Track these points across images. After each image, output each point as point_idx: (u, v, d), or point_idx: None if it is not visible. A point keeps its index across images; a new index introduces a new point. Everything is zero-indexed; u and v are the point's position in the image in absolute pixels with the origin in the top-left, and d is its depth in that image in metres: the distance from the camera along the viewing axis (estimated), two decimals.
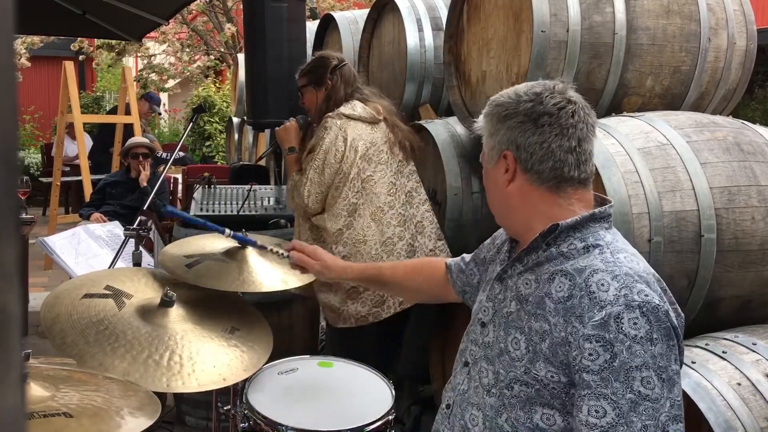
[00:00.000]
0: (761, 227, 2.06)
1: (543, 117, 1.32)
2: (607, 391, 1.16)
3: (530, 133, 1.32)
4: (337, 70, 2.78)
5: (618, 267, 1.24)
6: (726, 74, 2.68)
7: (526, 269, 1.36)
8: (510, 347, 1.32)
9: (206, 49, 11.29)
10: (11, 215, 0.33)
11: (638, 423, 1.13)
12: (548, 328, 1.25)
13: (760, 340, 1.91)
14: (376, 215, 2.69)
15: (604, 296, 1.20)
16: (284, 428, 1.77)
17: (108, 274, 2.11)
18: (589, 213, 1.32)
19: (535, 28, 2.34)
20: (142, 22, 5.02)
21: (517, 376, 1.29)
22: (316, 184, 2.66)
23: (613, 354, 1.16)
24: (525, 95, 1.35)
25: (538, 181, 1.34)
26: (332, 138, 2.66)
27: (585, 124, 1.34)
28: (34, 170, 10.89)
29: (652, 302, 1.18)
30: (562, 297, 1.25)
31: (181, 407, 3.44)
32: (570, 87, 1.37)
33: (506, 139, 1.36)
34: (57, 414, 1.22)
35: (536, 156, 1.32)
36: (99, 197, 5.21)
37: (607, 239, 1.31)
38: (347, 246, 2.66)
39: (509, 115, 1.35)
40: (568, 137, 1.32)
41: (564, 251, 1.31)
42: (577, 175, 1.34)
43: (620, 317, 1.17)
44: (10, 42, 0.35)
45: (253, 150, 6.06)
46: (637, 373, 1.15)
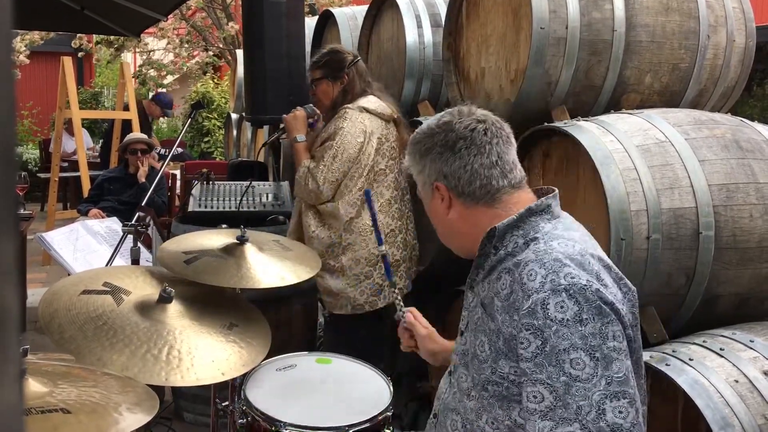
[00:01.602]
0: (759, 224, 2.06)
1: (458, 142, 1.38)
2: (542, 375, 1.18)
3: (451, 160, 1.39)
4: (353, 64, 2.87)
5: (548, 254, 1.26)
6: (725, 72, 2.68)
7: (484, 275, 1.40)
8: (478, 351, 1.35)
9: (205, 45, 11.27)
10: (9, 211, 0.33)
11: (573, 404, 1.15)
12: (500, 326, 1.29)
13: (758, 337, 1.92)
14: (384, 207, 2.81)
15: (531, 285, 1.23)
16: (282, 424, 1.78)
17: (106, 271, 2.11)
18: (525, 209, 1.36)
19: (534, 25, 2.33)
20: (141, 17, 5.01)
21: (487, 377, 1.32)
22: (333, 171, 2.72)
23: (543, 340, 1.19)
24: (437, 127, 1.42)
25: (473, 201, 1.40)
26: (352, 128, 2.73)
27: (499, 138, 1.40)
28: (33, 166, 10.86)
29: (578, 283, 1.20)
30: (505, 294, 1.29)
31: (180, 403, 3.44)
32: (475, 107, 1.44)
33: (433, 172, 1.42)
34: (55, 410, 1.22)
35: (463, 179, 1.38)
36: (97, 193, 5.20)
37: (545, 229, 1.34)
38: (353, 234, 2.76)
39: (428, 149, 1.42)
40: (486, 154, 1.38)
41: (510, 250, 1.35)
42: (506, 183, 1.39)
43: (546, 303, 1.20)
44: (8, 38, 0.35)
45: (251, 146, 6.05)
46: (566, 356, 1.17)
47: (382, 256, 1.96)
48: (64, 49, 11.22)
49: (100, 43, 11.07)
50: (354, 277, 2.77)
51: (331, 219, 2.78)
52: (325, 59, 2.90)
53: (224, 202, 3.46)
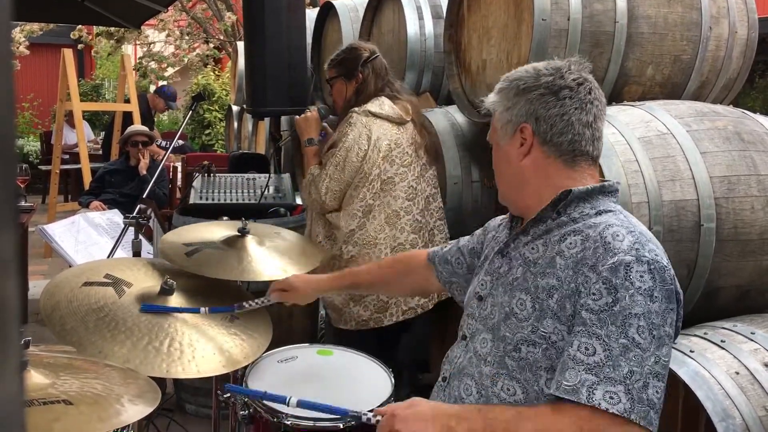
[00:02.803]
0: (761, 216, 2.05)
1: (564, 90, 1.35)
2: (601, 331, 1.19)
3: (551, 105, 1.35)
4: (368, 62, 2.70)
5: (632, 225, 1.28)
6: (727, 63, 2.67)
7: (534, 238, 1.38)
8: (516, 309, 1.34)
9: (206, 37, 11.24)
10: (9, 203, 0.32)
11: (625, 367, 1.16)
12: (556, 284, 1.28)
13: (759, 329, 1.92)
14: (391, 219, 2.62)
15: (619, 245, 1.23)
16: (283, 416, 1.78)
17: (107, 263, 2.11)
18: (600, 185, 1.36)
19: (536, 17, 2.33)
20: (141, 9, 5.00)
21: (524, 337, 1.31)
22: (336, 181, 2.59)
23: (615, 298, 1.19)
24: (545, 69, 1.38)
25: (556, 153, 1.37)
26: (356, 135, 2.58)
27: (600, 102, 1.38)
28: (34, 158, 10.87)
29: (660, 262, 1.22)
30: (575, 252, 1.28)
31: (181, 395, 3.46)
32: (586, 67, 1.40)
33: (525, 112, 1.38)
34: (57, 401, 1.23)
35: (556, 128, 1.35)
36: (98, 185, 5.20)
37: (618, 207, 1.36)
38: (357, 246, 2.60)
39: (529, 88, 1.38)
40: (586, 112, 1.35)
41: (575, 217, 1.34)
42: (591, 151, 1.38)
43: (630, 266, 1.20)
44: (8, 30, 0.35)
45: (252, 138, 6.05)
46: (634, 320, 1.18)
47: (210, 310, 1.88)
48: (64, 41, 11.21)
49: (101, 34, 11.04)
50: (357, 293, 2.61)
51: (334, 230, 2.65)
52: (342, 57, 2.75)
53: (225, 195, 3.46)
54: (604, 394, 1.15)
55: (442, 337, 3.15)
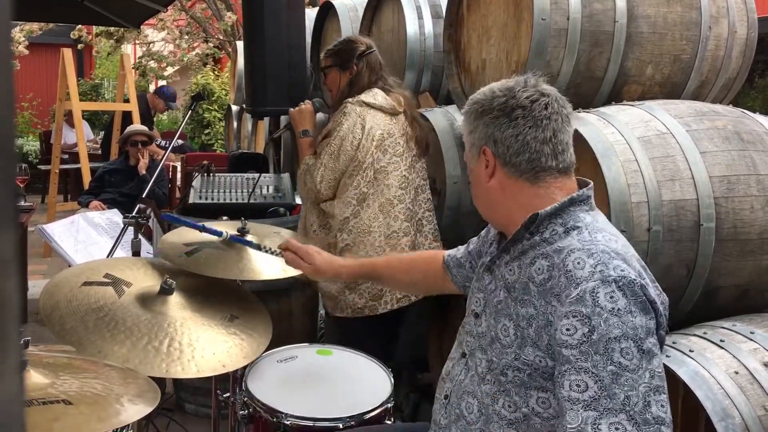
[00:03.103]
0: (760, 216, 2.05)
1: (516, 110, 1.35)
2: (587, 364, 1.17)
3: (505, 126, 1.36)
4: (364, 56, 2.76)
5: (594, 245, 1.26)
6: (726, 63, 2.67)
7: (512, 258, 1.39)
8: (500, 335, 1.35)
9: (205, 36, 11.24)
10: (8, 203, 0.32)
11: (621, 394, 1.15)
12: (534, 313, 1.28)
13: (758, 328, 1.92)
14: (385, 207, 2.66)
15: (579, 273, 1.22)
16: (283, 415, 1.78)
17: (107, 263, 2.12)
18: (568, 198, 1.35)
19: (536, 16, 2.33)
20: (141, 8, 5.00)
21: (508, 362, 1.32)
22: (330, 169, 2.64)
23: (591, 327, 1.18)
24: (498, 91, 1.39)
25: (516, 173, 1.37)
26: (350, 124, 2.63)
27: (559, 115, 1.37)
28: (33, 158, 10.86)
29: (628, 276, 1.21)
30: (542, 279, 1.28)
31: (181, 394, 3.46)
32: (542, 80, 1.40)
33: (484, 135, 1.39)
34: (56, 401, 1.23)
35: (512, 149, 1.36)
36: (98, 185, 5.20)
37: (586, 221, 1.34)
38: (351, 234, 2.64)
39: (485, 111, 1.39)
40: (542, 128, 1.35)
41: (546, 237, 1.34)
42: (555, 165, 1.37)
43: (596, 292, 1.19)
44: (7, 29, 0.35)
45: (252, 138, 6.05)
46: (616, 344, 1.16)
47: (228, 238, 2.00)
48: (64, 40, 11.20)
49: (100, 34, 11.04)
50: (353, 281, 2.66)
51: (329, 218, 2.71)
52: (338, 47, 2.81)
53: (225, 194, 3.46)
54: (609, 426, 1.13)
55: (441, 336, 3.15)
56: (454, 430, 1.43)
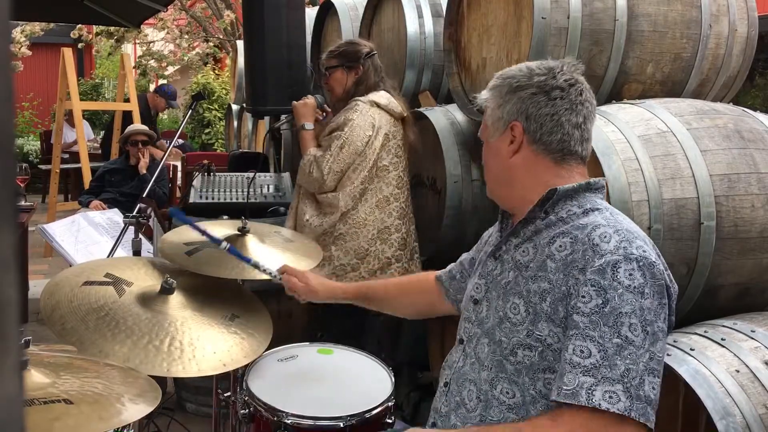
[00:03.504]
0: (761, 215, 2.05)
1: (555, 90, 1.36)
2: (594, 333, 1.20)
3: (542, 104, 1.36)
4: (369, 57, 2.87)
5: (619, 224, 1.29)
6: (727, 61, 2.67)
7: (524, 240, 1.39)
8: (509, 313, 1.35)
9: (205, 35, 11.24)
10: (8, 202, 0.32)
11: (621, 366, 1.17)
12: (548, 287, 1.29)
13: (759, 327, 1.92)
14: (381, 203, 2.80)
15: (605, 246, 1.24)
16: (284, 415, 1.78)
17: (108, 263, 2.11)
18: (585, 182, 1.37)
19: (536, 15, 2.32)
20: (141, 8, 5.00)
21: (519, 341, 1.32)
22: (339, 162, 2.74)
23: (605, 299, 1.20)
24: (538, 69, 1.39)
25: (545, 152, 1.38)
26: (361, 121, 2.74)
27: (590, 104, 1.40)
28: (34, 157, 10.86)
29: (649, 258, 1.24)
30: (564, 255, 1.29)
31: (182, 394, 3.46)
32: (578, 68, 1.42)
33: (516, 110, 1.39)
34: (57, 400, 1.23)
35: (546, 127, 1.37)
36: (98, 184, 5.20)
37: (604, 205, 1.37)
38: (347, 225, 2.77)
39: (521, 86, 1.39)
40: (576, 113, 1.37)
41: (563, 216, 1.35)
42: (580, 151, 1.39)
43: (617, 266, 1.21)
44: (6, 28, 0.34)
45: (252, 137, 6.04)
46: (625, 319, 1.19)
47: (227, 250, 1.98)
48: (64, 40, 11.20)
49: (100, 34, 11.04)
50: (341, 267, 2.78)
51: (328, 208, 2.79)
52: (342, 48, 2.91)
53: (225, 194, 3.46)
54: (604, 394, 1.16)
55: (441, 335, 3.15)
56: (453, 418, 1.43)
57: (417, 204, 3.23)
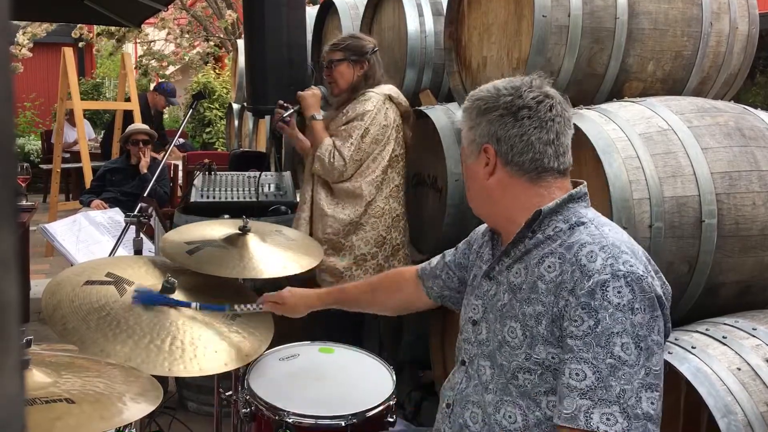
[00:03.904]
0: (762, 212, 2.05)
1: (522, 110, 1.35)
2: (588, 355, 1.20)
3: (510, 126, 1.36)
4: (374, 52, 2.94)
5: (604, 238, 1.28)
6: (728, 59, 2.66)
7: (515, 261, 1.39)
8: (508, 337, 1.35)
9: (206, 35, 11.23)
10: (8, 202, 0.32)
11: (617, 387, 1.17)
12: (542, 310, 1.29)
13: (761, 325, 1.91)
14: (394, 192, 2.92)
15: (592, 266, 1.24)
16: (285, 413, 1.78)
17: (109, 262, 2.12)
18: (567, 195, 1.36)
19: (536, 13, 2.32)
20: (141, 7, 4.99)
21: (519, 364, 1.32)
22: (360, 150, 2.81)
23: (596, 320, 1.20)
24: (504, 89, 1.39)
25: (519, 172, 1.38)
26: (378, 111, 2.83)
27: (562, 118, 1.38)
28: (35, 157, 10.87)
29: (636, 272, 1.23)
30: (554, 276, 1.29)
31: (183, 393, 3.46)
32: (547, 82, 1.41)
33: (486, 133, 1.39)
34: (59, 400, 1.23)
35: (516, 148, 1.36)
36: (99, 184, 5.20)
37: (589, 216, 1.36)
38: (367, 215, 2.84)
39: (489, 108, 1.39)
40: (546, 130, 1.36)
41: (550, 234, 1.35)
42: (556, 166, 1.38)
43: (605, 285, 1.21)
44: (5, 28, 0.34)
45: (253, 136, 6.04)
46: (617, 339, 1.19)
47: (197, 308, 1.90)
48: (65, 40, 11.20)
49: (101, 34, 11.04)
50: (361, 256, 2.84)
51: (349, 198, 2.84)
52: (347, 42, 2.94)
53: (226, 193, 3.46)
54: (601, 416, 1.17)
55: (442, 334, 3.15)
56: None
57: (418, 203, 3.23)
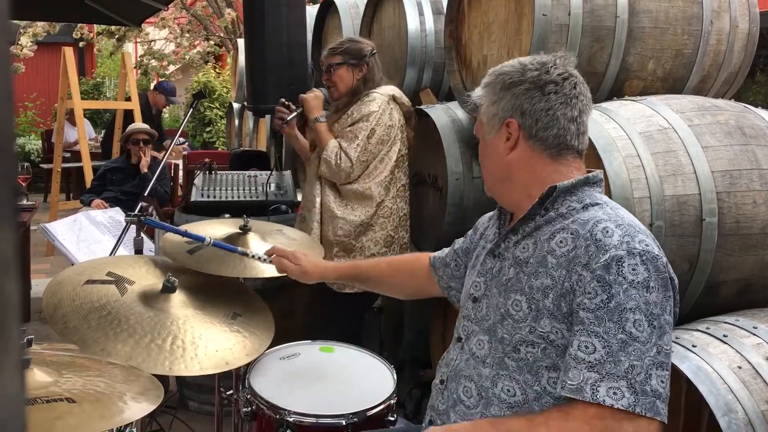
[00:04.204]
0: (762, 211, 2.05)
1: (549, 85, 1.36)
2: (599, 329, 1.20)
3: (537, 100, 1.36)
4: (372, 55, 2.92)
5: (620, 218, 1.29)
6: (728, 57, 2.66)
7: (523, 237, 1.39)
8: (512, 310, 1.35)
9: (206, 34, 11.23)
10: (7, 202, 0.32)
11: (626, 362, 1.17)
12: (550, 283, 1.29)
13: (761, 323, 1.91)
14: (401, 192, 2.91)
15: (609, 241, 1.24)
16: (286, 412, 1.78)
17: (110, 261, 2.12)
18: (584, 176, 1.37)
19: (537, 12, 2.32)
20: (142, 7, 4.99)
21: (522, 337, 1.32)
22: (366, 151, 2.79)
23: (610, 295, 1.20)
24: (530, 64, 1.39)
25: (542, 147, 1.38)
26: (382, 112, 2.81)
27: (585, 97, 1.39)
28: (35, 157, 10.87)
29: (652, 252, 1.23)
30: (566, 251, 1.29)
31: (184, 392, 3.46)
32: (571, 62, 1.42)
33: (510, 107, 1.39)
34: (60, 399, 1.23)
35: (541, 122, 1.36)
36: (100, 183, 5.20)
37: (604, 199, 1.37)
38: (376, 215, 2.82)
39: (515, 82, 1.38)
40: (571, 107, 1.36)
41: (563, 212, 1.35)
42: (576, 145, 1.39)
43: (621, 261, 1.21)
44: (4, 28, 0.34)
45: (253, 135, 6.05)
46: (630, 315, 1.19)
47: (213, 245, 2.01)
48: (65, 39, 11.20)
49: (102, 33, 11.04)
50: (371, 257, 2.81)
51: (358, 200, 2.82)
52: (345, 46, 2.92)
53: (227, 192, 3.46)
54: (608, 390, 1.16)
55: (443, 333, 3.15)
56: (453, 415, 1.43)
57: (418, 202, 3.23)
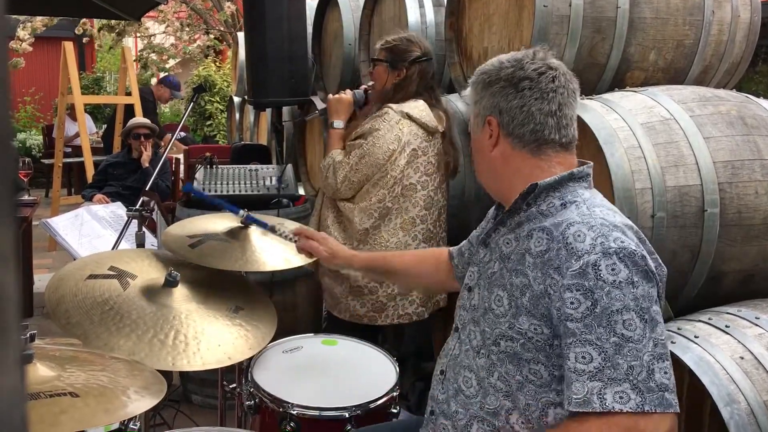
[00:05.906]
0: (764, 201, 2.05)
1: (523, 81, 1.37)
2: (591, 336, 1.19)
3: (511, 97, 1.38)
4: (417, 61, 2.60)
5: (593, 219, 1.28)
6: (730, 48, 2.65)
7: (509, 230, 1.40)
8: (494, 305, 1.36)
9: (206, 28, 11.21)
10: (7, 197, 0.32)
11: (624, 364, 1.17)
12: (527, 282, 1.30)
13: (763, 314, 1.91)
14: (406, 225, 2.57)
15: (580, 246, 1.23)
16: (289, 405, 1.79)
17: (112, 255, 2.12)
18: (567, 173, 1.37)
19: (537, 3, 2.31)
20: (141, 1, 4.98)
21: (502, 332, 1.33)
22: (356, 172, 2.53)
23: (593, 300, 1.19)
24: (507, 62, 1.41)
25: (520, 144, 1.39)
26: (387, 132, 2.50)
27: (565, 89, 1.39)
28: (36, 152, 10.87)
29: (628, 248, 1.22)
30: (540, 251, 1.29)
31: (187, 386, 3.47)
32: (551, 54, 1.42)
33: (489, 105, 1.41)
34: (63, 394, 1.23)
35: (517, 119, 1.37)
36: (101, 178, 5.21)
37: (584, 196, 1.35)
38: (367, 245, 2.55)
39: (492, 81, 1.41)
40: (548, 101, 1.36)
41: (543, 210, 1.35)
42: (557, 138, 1.38)
43: (597, 265, 1.20)
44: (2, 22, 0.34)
45: (254, 129, 6.04)
46: (618, 317, 1.18)
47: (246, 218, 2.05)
48: (65, 34, 11.18)
49: (102, 28, 11.02)
50: (357, 288, 2.57)
51: (346, 222, 2.60)
52: (394, 44, 2.63)
53: (228, 186, 3.46)
54: (614, 395, 1.16)
55: (445, 326, 3.15)
56: (453, 405, 1.44)
57: None
